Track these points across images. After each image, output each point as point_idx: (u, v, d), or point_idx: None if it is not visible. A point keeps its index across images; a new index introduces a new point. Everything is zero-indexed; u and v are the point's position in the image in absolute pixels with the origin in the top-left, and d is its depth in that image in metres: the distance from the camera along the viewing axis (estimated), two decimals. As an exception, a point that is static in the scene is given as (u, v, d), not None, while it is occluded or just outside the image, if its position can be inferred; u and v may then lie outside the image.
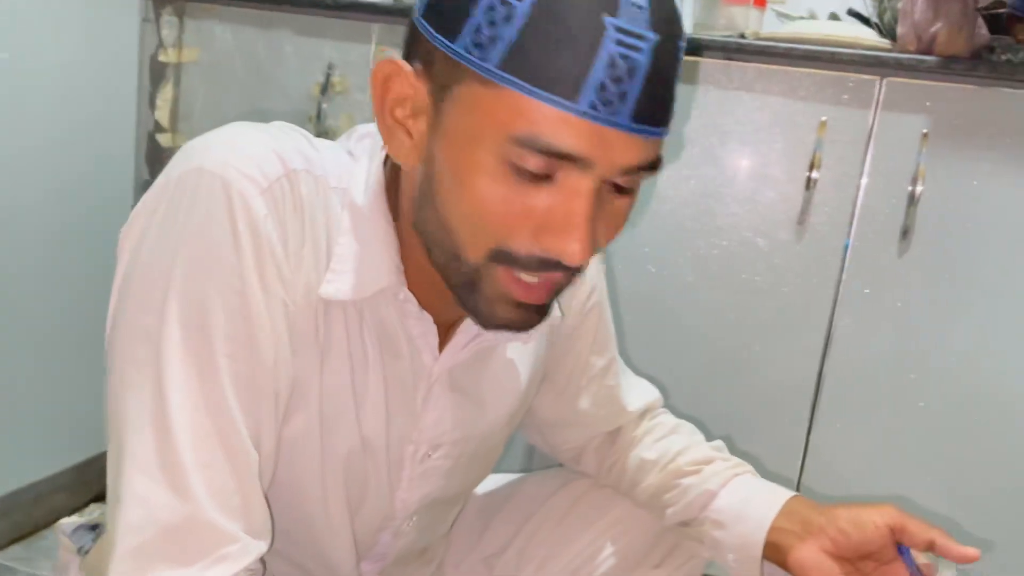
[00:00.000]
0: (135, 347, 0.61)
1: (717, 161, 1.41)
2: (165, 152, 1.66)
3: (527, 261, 0.61)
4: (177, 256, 0.60)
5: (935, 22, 1.30)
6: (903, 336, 1.36)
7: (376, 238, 0.67)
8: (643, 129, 0.57)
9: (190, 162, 0.62)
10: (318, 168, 0.67)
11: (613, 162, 0.57)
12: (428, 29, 0.60)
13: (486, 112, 0.57)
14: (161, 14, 1.59)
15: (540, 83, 0.55)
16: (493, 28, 0.56)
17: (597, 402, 0.92)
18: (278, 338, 0.64)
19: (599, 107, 0.55)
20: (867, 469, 1.40)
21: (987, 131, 1.29)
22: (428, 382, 0.75)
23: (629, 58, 0.55)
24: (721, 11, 1.63)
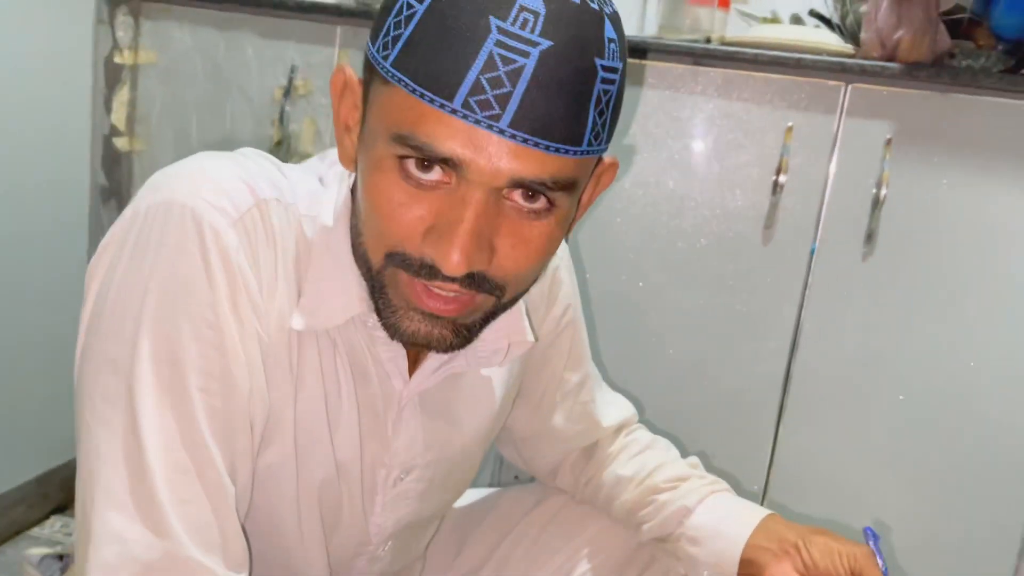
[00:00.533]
0: (106, 381, 0.60)
1: (685, 165, 1.42)
2: (122, 156, 1.62)
3: (418, 266, 0.59)
4: (148, 290, 0.59)
5: (898, 29, 1.31)
6: (868, 338, 1.38)
7: (345, 265, 0.67)
8: (530, 139, 0.55)
9: (159, 194, 0.61)
10: (288, 196, 0.66)
11: (496, 170, 0.55)
12: (368, 43, 0.61)
13: (381, 109, 0.58)
14: (116, 15, 1.55)
15: (421, 81, 0.55)
16: (397, 29, 0.56)
17: (572, 418, 0.92)
18: (253, 370, 0.63)
19: (474, 108, 0.54)
20: (834, 467, 1.42)
21: (950, 137, 1.31)
22: (398, 406, 0.75)
23: (510, 60, 0.53)
24: (686, 12, 1.63)
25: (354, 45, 1.50)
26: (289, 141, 1.53)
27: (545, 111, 0.54)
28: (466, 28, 0.54)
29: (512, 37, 0.53)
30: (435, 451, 0.79)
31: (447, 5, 0.54)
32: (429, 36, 0.55)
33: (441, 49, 0.54)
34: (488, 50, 0.53)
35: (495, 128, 0.54)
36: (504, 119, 0.54)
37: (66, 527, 1.68)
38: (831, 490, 1.43)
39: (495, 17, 0.53)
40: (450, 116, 0.54)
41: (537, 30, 0.53)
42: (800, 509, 1.44)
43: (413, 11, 0.55)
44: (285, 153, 1.54)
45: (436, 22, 0.54)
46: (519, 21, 0.53)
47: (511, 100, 0.53)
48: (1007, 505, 1.35)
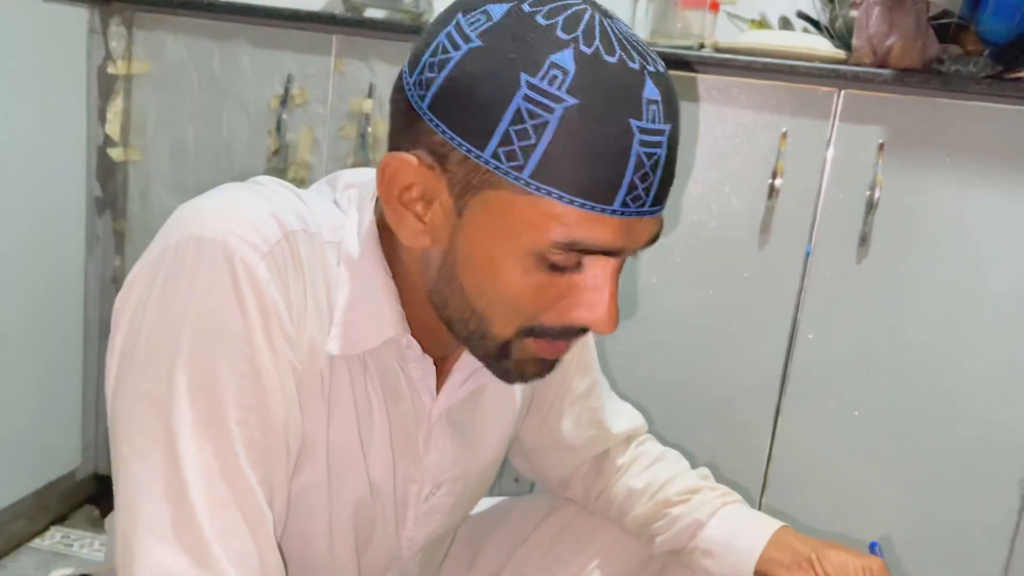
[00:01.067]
0: (143, 417, 0.60)
1: (682, 170, 1.44)
2: (117, 166, 1.61)
3: (558, 332, 0.64)
4: (183, 325, 0.60)
5: (889, 35, 1.34)
6: (863, 338, 1.40)
7: (376, 290, 0.68)
8: (658, 210, 0.62)
9: (188, 229, 0.62)
10: (312, 225, 0.67)
11: (638, 243, 0.62)
12: (441, 127, 0.60)
13: (521, 217, 0.59)
14: (109, 25, 1.54)
15: (576, 192, 0.57)
16: (525, 138, 0.56)
17: (580, 424, 0.93)
18: (288, 400, 0.64)
19: (630, 204, 0.59)
20: (830, 465, 1.46)
21: (940, 141, 1.33)
22: (428, 423, 0.76)
23: (653, 155, 0.58)
24: (677, 16, 1.65)
25: (350, 54, 1.50)
26: (287, 150, 1.54)
27: (670, 180, 0.62)
28: (613, 136, 0.57)
29: (650, 133, 0.58)
30: (463, 465, 0.80)
31: (585, 115, 0.56)
32: (575, 147, 0.56)
33: (591, 157, 0.57)
34: (636, 152, 0.57)
35: (643, 213, 0.60)
36: (648, 202, 0.60)
37: (66, 538, 1.67)
38: (828, 488, 1.46)
39: (635, 120, 0.57)
40: (611, 217, 0.59)
41: (662, 117, 0.58)
42: (798, 507, 1.47)
43: (543, 120, 0.56)
44: (283, 162, 1.54)
45: (579, 132, 0.56)
46: (651, 115, 0.58)
47: (652, 187, 0.59)
48: (999, 502, 1.39)
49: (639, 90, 0.57)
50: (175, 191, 1.59)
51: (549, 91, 0.56)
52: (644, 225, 0.61)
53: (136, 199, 1.62)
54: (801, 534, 0.83)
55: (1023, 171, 1.31)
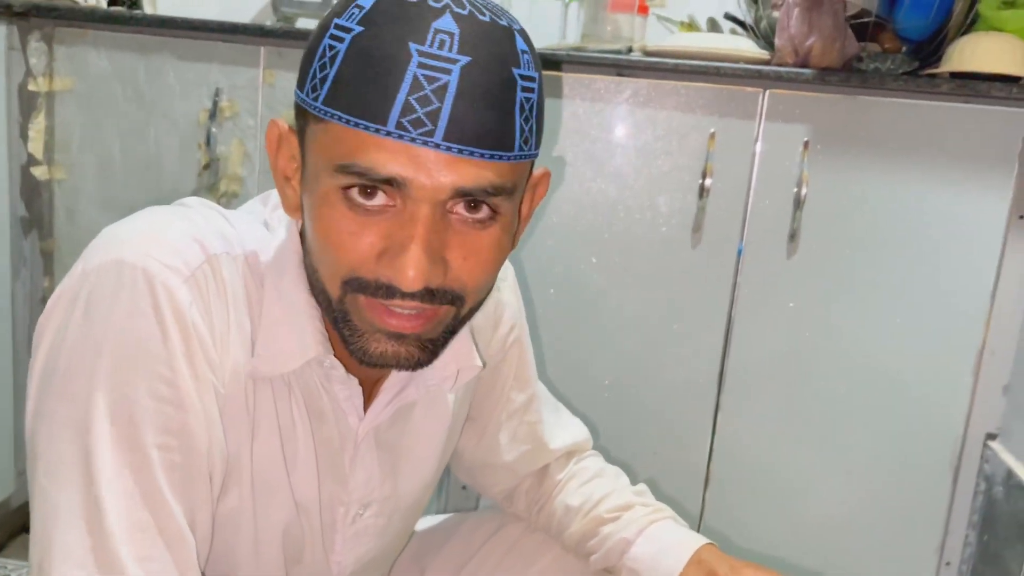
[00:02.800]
0: (62, 442, 0.60)
1: (614, 174, 1.45)
2: (42, 185, 1.57)
3: (375, 287, 0.61)
4: (102, 350, 0.60)
5: (809, 36, 1.37)
6: (796, 332, 1.44)
7: (298, 309, 0.68)
8: (464, 149, 0.58)
9: (108, 253, 0.62)
10: (237, 247, 0.67)
11: (437, 184, 0.58)
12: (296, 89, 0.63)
13: (320, 147, 0.60)
14: (28, 41, 1.50)
15: (354, 111, 0.57)
16: (323, 71, 0.59)
17: (517, 438, 0.93)
18: (211, 423, 0.64)
19: (408, 127, 0.57)
20: (771, 455, 1.48)
21: (862, 137, 1.37)
22: (354, 443, 0.76)
23: (435, 79, 0.57)
24: (607, 20, 1.66)
25: (279, 65, 1.49)
26: (217, 164, 1.51)
27: (474, 121, 0.57)
28: (389, 57, 0.57)
29: (432, 58, 0.57)
30: (391, 484, 0.80)
31: (367, 39, 0.57)
32: (355, 70, 0.57)
33: (368, 80, 0.57)
34: (412, 72, 0.56)
35: (430, 143, 0.57)
36: (437, 134, 0.57)
37: (3, 568, 1.63)
38: (769, 480, 1.49)
39: (414, 43, 0.57)
40: (386, 139, 0.57)
41: (455, 48, 0.57)
42: (740, 501, 1.50)
43: (336, 51, 0.58)
44: (214, 176, 1.52)
45: (359, 57, 0.57)
46: (436, 43, 0.57)
47: (441, 115, 0.57)
48: (932, 487, 1.43)
49: (430, 20, 0.57)
50: (104, 209, 1.56)
51: (345, 24, 0.59)
52: (443, 162, 0.58)
53: (63, 218, 1.58)
54: (723, 554, 0.83)
55: (942, 164, 1.35)
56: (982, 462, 1.43)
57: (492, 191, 0.60)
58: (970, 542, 1.46)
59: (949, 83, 1.32)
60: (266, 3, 1.83)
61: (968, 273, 1.37)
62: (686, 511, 1.51)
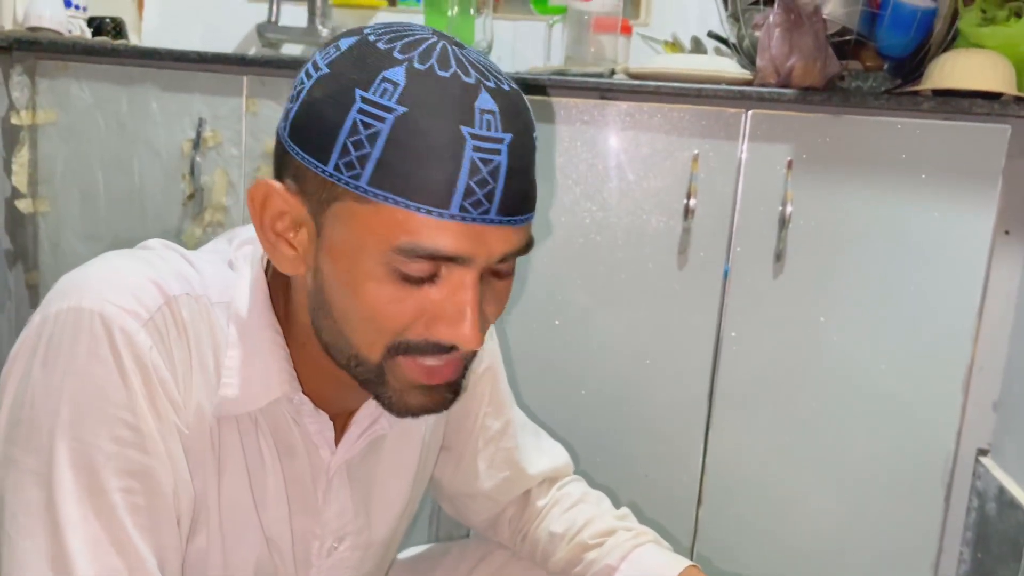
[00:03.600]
0: (26, 492, 0.60)
1: (598, 196, 1.45)
2: (26, 218, 1.57)
3: (424, 347, 0.64)
4: (62, 398, 0.60)
5: (791, 56, 1.37)
6: (784, 351, 1.43)
7: (264, 348, 0.69)
8: (512, 220, 0.62)
9: (66, 300, 0.62)
10: (198, 288, 0.68)
11: (490, 254, 0.62)
12: (296, 151, 0.62)
13: (365, 226, 0.60)
14: (10, 75, 1.50)
15: (412, 195, 0.59)
16: (361, 148, 0.59)
17: (495, 464, 0.93)
18: (175, 464, 0.64)
19: (469, 209, 0.59)
20: (762, 473, 1.48)
21: (846, 156, 1.37)
22: (327, 477, 0.76)
23: (489, 161, 0.59)
24: (591, 40, 1.67)
25: (261, 95, 1.49)
26: (202, 194, 1.51)
27: (519, 193, 0.62)
28: (443, 141, 0.58)
29: (483, 140, 0.59)
30: (364, 516, 0.80)
31: (415, 122, 0.58)
32: (407, 153, 0.58)
33: (424, 163, 0.58)
34: (469, 158, 0.59)
35: (487, 220, 0.60)
36: (493, 210, 0.60)
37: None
38: (762, 496, 1.48)
39: (465, 126, 0.59)
40: (449, 221, 0.59)
41: (499, 127, 0.60)
42: (733, 517, 1.49)
43: (376, 130, 0.58)
44: (198, 206, 1.51)
45: (409, 139, 0.58)
46: (483, 124, 0.59)
47: (495, 193, 0.60)
48: (926, 502, 1.42)
49: (471, 100, 0.59)
50: (88, 240, 1.55)
51: (380, 102, 0.59)
52: (496, 234, 0.61)
53: (48, 250, 1.58)
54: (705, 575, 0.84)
55: (925, 181, 1.35)
56: (974, 478, 1.43)
57: (526, 248, 0.65)
58: (964, 559, 1.45)
59: (931, 100, 1.33)
60: (250, 31, 1.83)
61: (955, 289, 1.36)
62: (679, 530, 1.50)
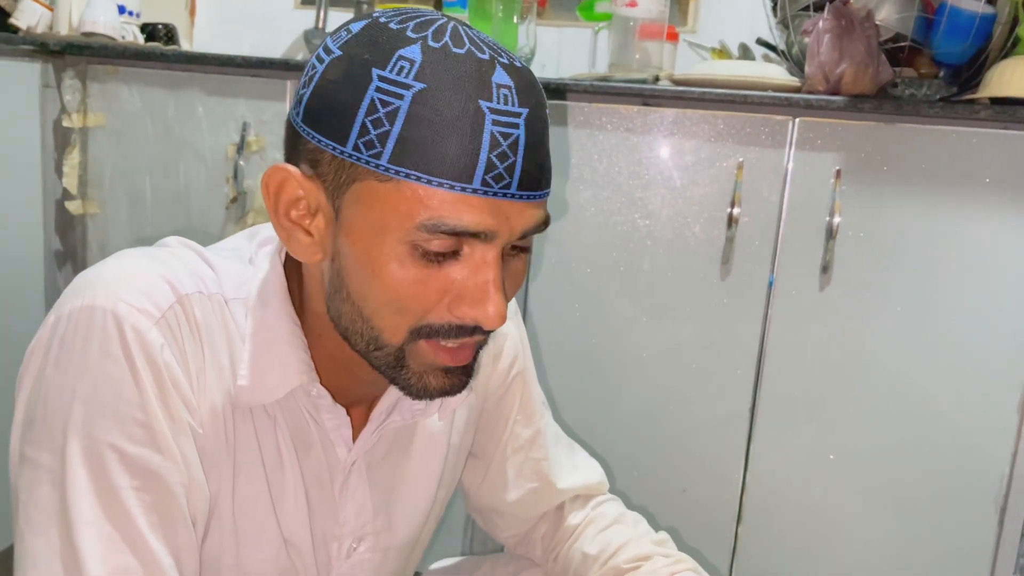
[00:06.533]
0: (39, 490, 0.60)
1: (640, 205, 1.43)
2: (75, 219, 1.60)
3: (447, 330, 0.63)
4: (75, 396, 0.60)
5: (840, 62, 1.33)
6: (830, 366, 1.39)
7: (282, 340, 0.68)
8: (532, 195, 0.62)
9: (80, 298, 0.62)
10: (212, 286, 0.68)
11: (512, 230, 0.62)
12: (311, 134, 0.62)
13: (387, 205, 0.60)
14: (63, 79, 1.53)
15: (434, 171, 0.58)
16: (380, 127, 0.59)
17: (523, 475, 0.91)
18: (189, 463, 0.64)
19: (491, 184, 0.59)
20: (805, 492, 1.44)
21: (897, 165, 1.33)
22: (344, 473, 0.75)
23: (508, 135, 0.59)
24: (636, 47, 1.65)
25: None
26: (244, 197, 1.53)
27: (538, 167, 0.62)
28: (462, 116, 0.58)
29: (502, 114, 0.59)
30: (384, 517, 0.79)
31: (433, 98, 0.58)
32: (428, 129, 0.58)
33: (446, 139, 0.58)
34: (489, 131, 0.59)
35: (509, 195, 0.60)
36: (514, 185, 0.60)
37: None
38: (803, 516, 1.44)
39: (484, 101, 0.59)
40: (472, 196, 0.59)
41: (516, 102, 0.60)
42: (774, 537, 1.45)
43: (395, 107, 0.58)
44: (241, 210, 1.53)
45: (430, 114, 0.58)
46: (501, 98, 0.59)
47: (516, 168, 0.60)
48: (977, 524, 1.37)
49: (488, 75, 0.59)
50: (134, 242, 1.58)
51: (398, 79, 0.59)
52: (517, 210, 0.61)
53: (96, 251, 1.61)
54: None
55: (980, 192, 1.30)
56: (1030, 503, 1.37)
57: (544, 225, 0.64)
58: (1018, 587, 1.39)
59: (988, 109, 1.28)
60: (298, 37, 1.85)
61: (1010, 305, 1.31)
62: (717, 548, 1.47)
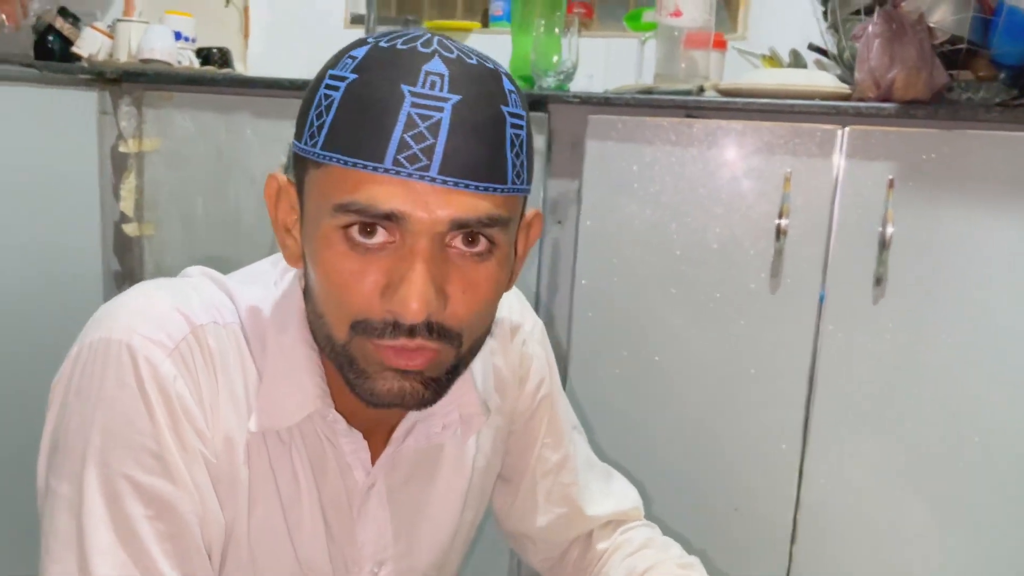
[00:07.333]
0: (59, 517, 0.62)
1: (686, 218, 1.40)
2: (132, 241, 1.65)
3: (383, 327, 0.62)
4: (92, 427, 0.62)
5: (891, 68, 1.29)
6: (885, 382, 1.34)
7: (298, 365, 0.69)
8: (459, 182, 0.59)
9: (98, 331, 0.65)
10: (228, 315, 0.69)
11: (435, 216, 0.59)
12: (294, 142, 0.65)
13: (319, 191, 0.62)
14: (119, 106, 1.59)
15: (351, 152, 0.59)
16: (320, 119, 0.61)
17: (551, 499, 0.90)
18: (203, 493, 0.65)
19: (404, 163, 0.58)
20: (861, 509, 1.39)
21: (953, 173, 1.28)
22: (362, 497, 0.75)
23: (428, 117, 0.58)
24: (682, 56, 1.62)
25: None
26: (292, 217, 1.55)
27: (467, 155, 0.59)
28: (383, 99, 0.59)
29: (425, 97, 0.59)
30: (406, 542, 0.79)
31: (361, 85, 0.59)
32: (351, 114, 0.59)
33: (364, 122, 0.59)
34: (406, 112, 0.58)
35: (426, 177, 0.58)
36: (433, 168, 0.58)
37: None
38: (860, 533, 1.39)
39: (406, 84, 0.59)
40: (384, 175, 0.58)
41: (446, 88, 0.59)
42: (829, 555, 1.41)
43: (331, 99, 0.60)
44: (289, 229, 1.55)
45: (354, 101, 0.59)
46: (427, 84, 0.59)
47: (435, 150, 0.58)
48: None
49: (419, 64, 0.59)
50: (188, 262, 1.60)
51: (339, 74, 0.61)
52: (440, 195, 0.59)
53: (152, 271, 1.66)
54: None
55: (1045, 200, 1.24)
56: (1105, 526, 1.30)
57: (488, 222, 0.61)
58: (1094, 614, 1.32)
59: (1050, 112, 1.22)
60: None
61: (1080, 318, 1.25)
62: (770, 569, 1.43)
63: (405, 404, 0.64)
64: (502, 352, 0.85)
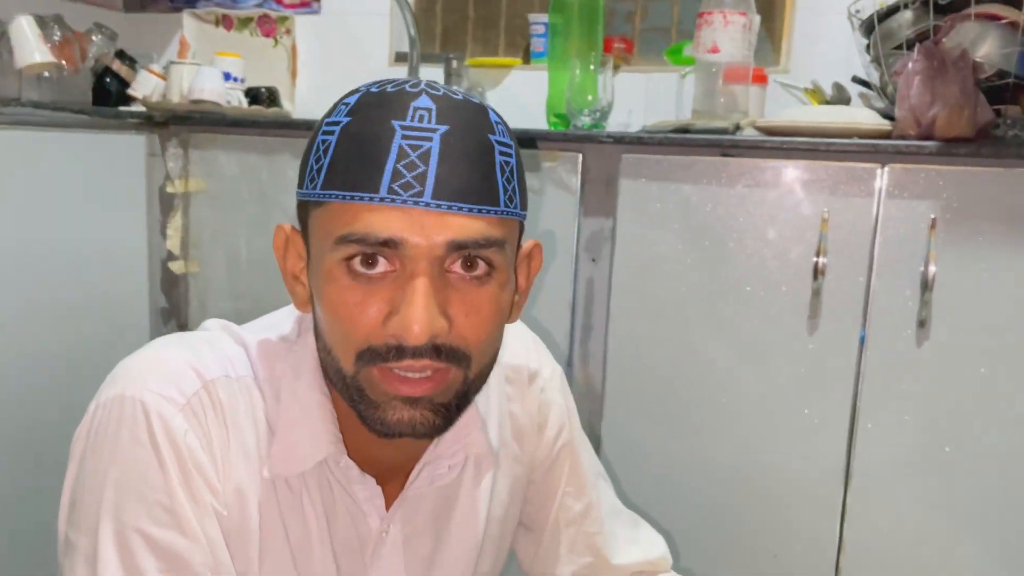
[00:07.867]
0: (76, 572, 0.64)
1: (720, 258, 1.38)
2: (179, 278, 1.69)
3: (386, 351, 0.62)
4: (107, 482, 0.64)
5: (932, 106, 1.26)
6: (930, 426, 1.30)
7: (311, 411, 0.70)
8: (453, 205, 0.61)
9: (114, 388, 0.67)
10: (240, 368, 0.71)
11: (432, 241, 0.61)
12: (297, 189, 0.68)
13: (320, 229, 0.64)
14: (167, 148, 1.63)
15: (348, 187, 0.61)
16: (319, 163, 0.63)
17: (576, 549, 0.89)
18: (213, 547, 0.66)
19: (398, 191, 0.60)
20: (906, 558, 1.34)
21: (999, 213, 1.23)
22: (375, 544, 0.75)
23: (418, 147, 0.61)
24: (720, 91, 1.61)
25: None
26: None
27: (459, 179, 0.61)
28: (375, 136, 0.61)
29: (415, 130, 0.61)
30: None
31: (354, 126, 0.62)
32: (347, 153, 0.62)
33: (359, 158, 0.61)
34: (397, 144, 0.61)
35: (421, 202, 0.60)
36: (426, 193, 0.60)
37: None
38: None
39: (396, 120, 0.62)
40: (380, 204, 0.61)
41: (434, 120, 0.62)
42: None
43: (327, 143, 0.63)
44: (328, 268, 1.58)
45: (349, 141, 0.62)
46: (416, 118, 0.62)
47: (428, 176, 0.61)
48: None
49: (408, 102, 0.62)
50: (232, 299, 1.65)
51: (332, 120, 0.64)
52: (435, 219, 0.61)
53: (197, 308, 1.69)
54: None
55: (1097, 240, 1.19)
56: None
57: (484, 243, 0.63)
58: None
59: (1102, 149, 1.17)
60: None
61: None
62: (813, 620, 1.38)
63: (416, 432, 0.65)
64: (520, 399, 0.85)
